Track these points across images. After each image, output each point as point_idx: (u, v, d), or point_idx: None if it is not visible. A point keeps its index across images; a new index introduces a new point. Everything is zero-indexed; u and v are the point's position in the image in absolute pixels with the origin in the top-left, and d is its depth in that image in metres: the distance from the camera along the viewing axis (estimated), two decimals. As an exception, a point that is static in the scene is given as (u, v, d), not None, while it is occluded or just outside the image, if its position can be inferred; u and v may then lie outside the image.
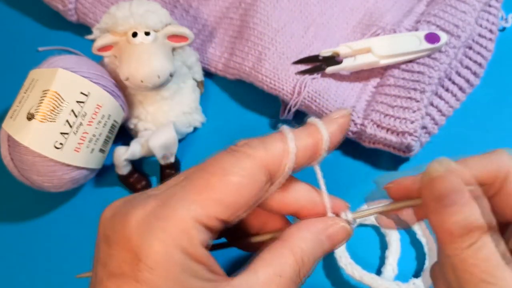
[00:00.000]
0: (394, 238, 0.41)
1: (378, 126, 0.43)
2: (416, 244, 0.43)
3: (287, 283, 0.23)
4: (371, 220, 0.43)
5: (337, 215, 0.27)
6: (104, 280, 0.21)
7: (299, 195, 0.27)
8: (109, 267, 0.21)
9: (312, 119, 0.26)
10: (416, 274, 0.41)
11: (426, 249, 0.41)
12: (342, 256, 0.40)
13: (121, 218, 0.22)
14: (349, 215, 0.27)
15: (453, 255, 0.22)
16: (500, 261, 0.22)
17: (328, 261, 0.42)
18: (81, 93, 0.41)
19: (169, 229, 0.21)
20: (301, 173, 0.27)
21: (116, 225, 0.22)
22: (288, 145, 0.24)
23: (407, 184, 0.27)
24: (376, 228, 0.44)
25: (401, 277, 0.40)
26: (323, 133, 0.24)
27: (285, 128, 0.25)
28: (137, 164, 0.47)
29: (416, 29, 0.47)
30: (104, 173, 0.47)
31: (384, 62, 0.45)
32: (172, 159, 0.45)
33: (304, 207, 0.27)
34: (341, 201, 0.28)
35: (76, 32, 0.55)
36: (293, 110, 0.46)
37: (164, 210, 0.21)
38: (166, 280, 0.20)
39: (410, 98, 0.43)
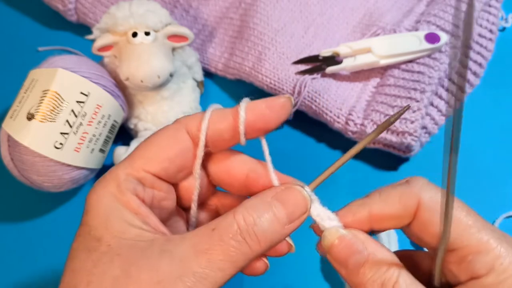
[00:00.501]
0: (392, 238, 0.41)
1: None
2: (416, 244, 0.43)
3: (221, 237, 0.23)
4: None
5: None
6: None
7: (242, 166, 0.27)
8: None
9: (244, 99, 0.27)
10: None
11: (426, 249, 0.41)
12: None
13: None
14: (307, 187, 0.26)
15: None
16: None
17: (327, 263, 0.42)
18: (81, 93, 0.41)
19: (104, 183, 0.25)
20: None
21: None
22: (206, 112, 0.26)
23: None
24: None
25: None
26: (240, 110, 0.25)
27: (212, 105, 0.27)
28: (137, 164, 0.47)
29: (416, 29, 0.47)
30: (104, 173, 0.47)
31: (384, 62, 0.45)
32: (172, 159, 0.45)
33: (249, 179, 0.27)
34: (294, 179, 0.27)
35: (76, 32, 0.55)
36: (293, 110, 0.46)
37: (108, 172, 0.26)
38: (95, 219, 0.24)
39: (410, 98, 0.43)
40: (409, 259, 0.28)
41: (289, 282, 0.42)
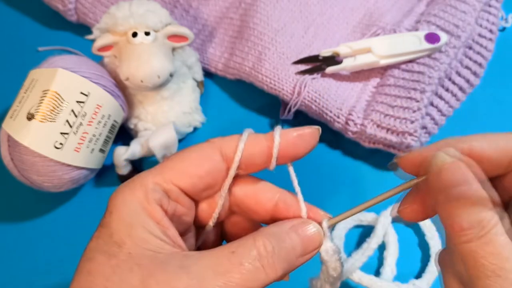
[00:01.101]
0: (392, 239, 0.41)
1: (378, 126, 0.43)
2: (415, 244, 0.43)
3: (239, 260, 0.23)
4: (368, 221, 0.43)
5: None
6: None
7: (271, 194, 0.27)
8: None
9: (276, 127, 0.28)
10: (417, 275, 0.41)
11: (431, 252, 0.41)
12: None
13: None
14: (325, 223, 0.27)
15: (462, 246, 0.22)
16: (510, 254, 0.22)
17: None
18: (81, 93, 0.41)
19: (132, 187, 0.25)
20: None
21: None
22: (243, 135, 0.27)
23: (417, 159, 0.26)
24: (373, 229, 0.43)
25: (400, 278, 0.40)
26: (275, 136, 0.26)
27: (247, 129, 0.27)
28: (137, 164, 0.47)
29: (416, 29, 0.47)
30: (104, 173, 0.47)
31: (384, 62, 0.45)
32: (172, 159, 0.45)
33: (278, 208, 0.27)
34: (321, 210, 0.28)
35: (76, 32, 0.55)
36: (293, 110, 0.46)
37: (135, 178, 0.25)
38: (118, 223, 0.24)
39: (410, 98, 0.43)
40: None
41: (289, 282, 0.42)
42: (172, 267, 0.22)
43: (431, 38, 0.45)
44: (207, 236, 0.29)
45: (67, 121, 0.40)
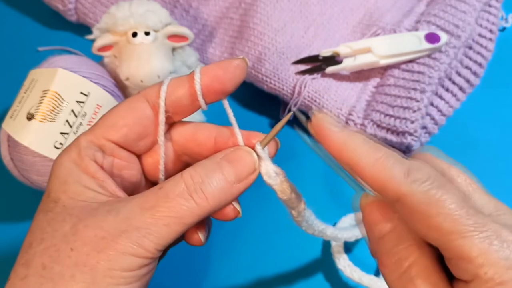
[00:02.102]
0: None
1: (378, 126, 0.43)
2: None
3: (167, 194, 0.24)
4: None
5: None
6: None
7: (209, 132, 0.28)
8: None
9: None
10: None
11: None
12: (341, 258, 0.40)
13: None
14: (258, 146, 0.27)
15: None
16: None
17: (327, 263, 0.42)
18: (81, 93, 0.41)
19: (67, 150, 0.26)
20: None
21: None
22: (165, 81, 0.27)
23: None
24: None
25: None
26: (196, 75, 0.26)
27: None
28: (137, 164, 0.47)
29: (416, 29, 0.47)
30: (104, 173, 0.47)
31: (384, 62, 0.45)
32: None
33: (218, 143, 0.27)
34: (257, 134, 0.28)
35: (76, 32, 0.55)
36: (293, 110, 0.46)
37: (73, 140, 0.27)
38: (55, 182, 0.25)
39: (410, 98, 0.43)
40: None
41: (289, 282, 0.42)
42: (101, 211, 0.24)
43: (431, 38, 0.45)
44: None
45: (67, 121, 0.40)
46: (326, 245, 0.43)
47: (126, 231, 0.23)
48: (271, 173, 0.26)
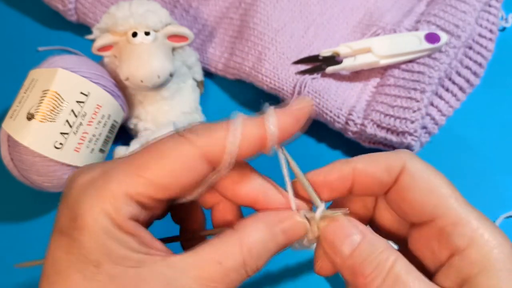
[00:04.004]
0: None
1: (378, 126, 0.43)
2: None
3: (226, 272, 0.23)
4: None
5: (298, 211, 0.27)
6: (52, 235, 0.23)
7: (253, 188, 0.26)
8: (57, 223, 0.23)
9: (267, 109, 0.25)
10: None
11: None
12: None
13: (71, 179, 0.24)
14: (308, 213, 0.26)
15: None
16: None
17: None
18: (81, 93, 0.41)
19: (101, 197, 0.22)
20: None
21: (67, 185, 0.24)
22: (230, 135, 0.24)
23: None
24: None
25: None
26: (269, 127, 0.24)
27: (236, 115, 0.25)
28: (137, 164, 0.47)
29: (416, 29, 0.47)
30: (104, 173, 0.47)
31: (384, 62, 0.45)
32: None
33: (259, 200, 0.26)
34: (304, 200, 0.27)
35: (76, 32, 0.55)
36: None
37: (102, 179, 0.23)
38: (91, 241, 0.22)
39: (410, 98, 0.43)
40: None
41: (289, 282, 0.42)
42: (157, 283, 0.22)
43: (431, 38, 0.45)
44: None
45: (67, 121, 0.40)
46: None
47: None
48: (313, 240, 0.26)
